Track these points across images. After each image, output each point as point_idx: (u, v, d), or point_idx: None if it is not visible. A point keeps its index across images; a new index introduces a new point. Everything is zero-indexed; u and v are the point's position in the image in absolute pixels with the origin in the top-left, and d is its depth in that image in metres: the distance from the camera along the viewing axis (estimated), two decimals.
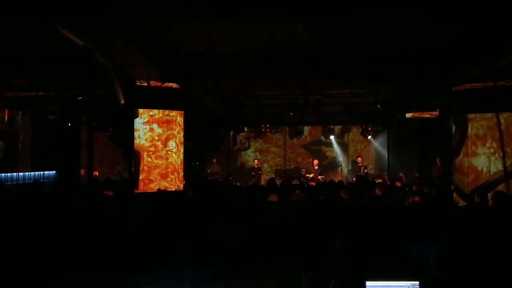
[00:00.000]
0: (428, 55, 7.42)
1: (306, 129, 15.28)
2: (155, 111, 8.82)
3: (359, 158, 14.15)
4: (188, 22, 5.88)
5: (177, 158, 9.00)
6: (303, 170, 13.75)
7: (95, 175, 11.95)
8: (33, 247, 3.23)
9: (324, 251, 3.37)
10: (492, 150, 8.42)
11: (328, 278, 2.89)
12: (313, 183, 11.38)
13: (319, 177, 12.94)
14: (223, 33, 6.43)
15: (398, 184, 9.87)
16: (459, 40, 6.67)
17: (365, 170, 13.22)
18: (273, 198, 5.66)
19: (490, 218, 4.58)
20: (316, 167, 13.51)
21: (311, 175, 13.10)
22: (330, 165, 15.50)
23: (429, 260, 2.86)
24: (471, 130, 8.55)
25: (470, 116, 8.52)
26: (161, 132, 8.85)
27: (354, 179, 11.24)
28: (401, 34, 6.41)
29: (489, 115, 8.37)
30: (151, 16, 5.68)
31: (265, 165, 15.89)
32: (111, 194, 6.24)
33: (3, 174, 9.02)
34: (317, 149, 15.91)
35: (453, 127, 8.96)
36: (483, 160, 8.46)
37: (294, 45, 6.90)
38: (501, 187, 8.02)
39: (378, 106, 10.02)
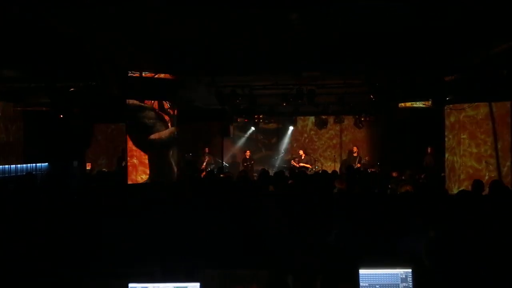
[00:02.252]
0: (421, 44, 7.41)
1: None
2: None
3: (355, 148, 13.98)
4: (181, 11, 5.82)
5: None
6: (297, 160, 13.79)
7: (88, 167, 11.90)
8: (28, 240, 3.23)
9: (314, 243, 3.40)
10: None
11: (315, 272, 2.92)
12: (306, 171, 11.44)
13: (308, 165, 13.16)
14: (217, 23, 6.37)
15: (394, 174, 9.91)
16: (452, 30, 6.67)
17: (361, 162, 13.16)
18: (270, 189, 5.69)
19: (481, 206, 4.64)
20: (303, 157, 13.75)
21: (306, 165, 13.25)
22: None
23: (420, 247, 2.90)
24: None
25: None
26: None
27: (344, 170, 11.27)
28: (394, 24, 6.39)
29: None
30: (144, 7, 5.61)
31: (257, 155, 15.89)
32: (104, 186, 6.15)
33: None
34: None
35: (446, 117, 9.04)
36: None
37: (288, 35, 6.86)
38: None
39: (371, 96, 10.01)
